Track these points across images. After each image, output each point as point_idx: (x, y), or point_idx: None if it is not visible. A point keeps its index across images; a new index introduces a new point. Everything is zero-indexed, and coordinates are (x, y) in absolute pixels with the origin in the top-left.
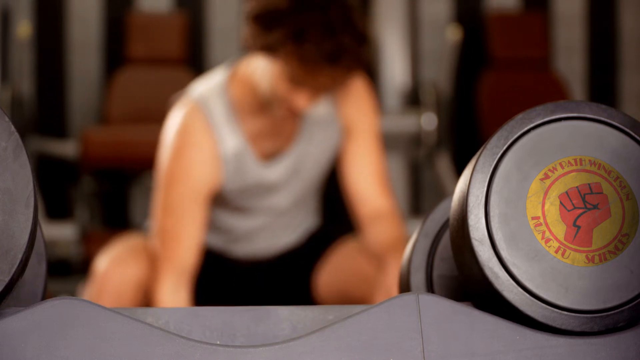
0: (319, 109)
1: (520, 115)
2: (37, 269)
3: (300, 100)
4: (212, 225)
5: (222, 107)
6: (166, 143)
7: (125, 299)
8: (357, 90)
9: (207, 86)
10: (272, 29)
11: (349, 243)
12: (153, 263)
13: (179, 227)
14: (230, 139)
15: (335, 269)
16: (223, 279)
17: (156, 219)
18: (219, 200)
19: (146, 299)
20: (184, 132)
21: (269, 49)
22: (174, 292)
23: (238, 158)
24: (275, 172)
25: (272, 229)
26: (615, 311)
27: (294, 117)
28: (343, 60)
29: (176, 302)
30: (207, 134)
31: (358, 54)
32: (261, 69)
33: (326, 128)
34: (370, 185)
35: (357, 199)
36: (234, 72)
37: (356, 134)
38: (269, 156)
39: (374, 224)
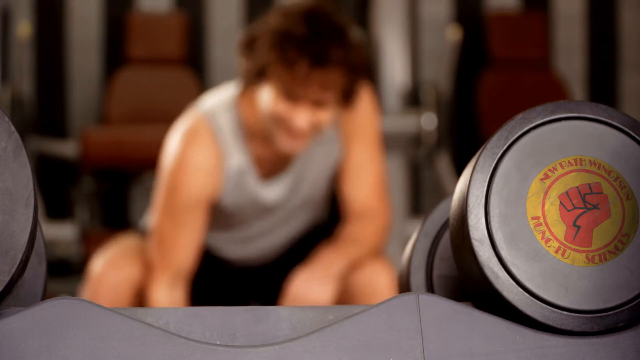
0: None
1: (520, 115)
2: (37, 269)
3: (300, 117)
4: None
5: (230, 123)
6: (170, 148)
7: (120, 301)
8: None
9: (217, 100)
10: (255, 50)
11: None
12: (148, 264)
13: (177, 232)
14: (236, 157)
15: None
16: (215, 277)
17: (155, 220)
18: (215, 212)
19: (141, 301)
20: (189, 141)
21: (260, 73)
22: (169, 291)
23: (240, 176)
24: (273, 191)
25: (267, 235)
26: (615, 311)
27: (297, 144)
28: (330, 61)
29: (171, 302)
30: (212, 147)
31: (345, 54)
32: (261, 98)
33: (326, 146)
34: (366, 200)
35: (352, 213)
36: (246, 91)
37: (355, 144)
38: (270, 175)
39: (352, 222)
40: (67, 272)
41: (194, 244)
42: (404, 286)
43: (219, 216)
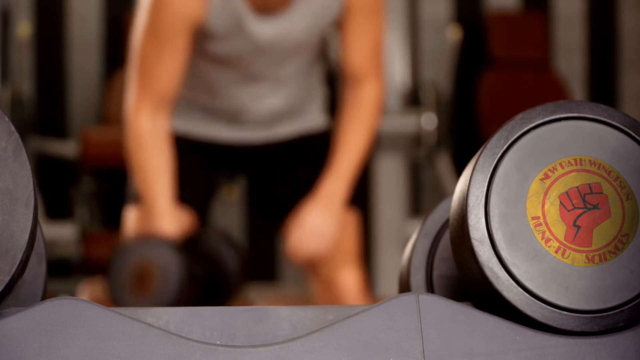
0: None
1: (520, 115)
2: (37, 269)
3: None
4: (193, 84)
5: None
6: None
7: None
8: None
9: None
10: None
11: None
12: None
13: (160, 53)
14: None
15: None
16: (205, 157)
17: (137, 45)
18: (201, 48)
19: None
20: None
21: None
22: (152, 118)
23: (227, 1)
24: (264, 28)
25: (260, 99)
26: (615, 311)
27: None
28: None
29: (155, 128)
30: None
31: None
32: None
33: (326, 1)
34: (363, 62)
35: (349, 75)
36: None
37: (358, 10)
38: (262, 11)
39: (346, 109)
40: (67, 272)
41: (177, 68)
42: (404, 286)
43: (206, 52)
